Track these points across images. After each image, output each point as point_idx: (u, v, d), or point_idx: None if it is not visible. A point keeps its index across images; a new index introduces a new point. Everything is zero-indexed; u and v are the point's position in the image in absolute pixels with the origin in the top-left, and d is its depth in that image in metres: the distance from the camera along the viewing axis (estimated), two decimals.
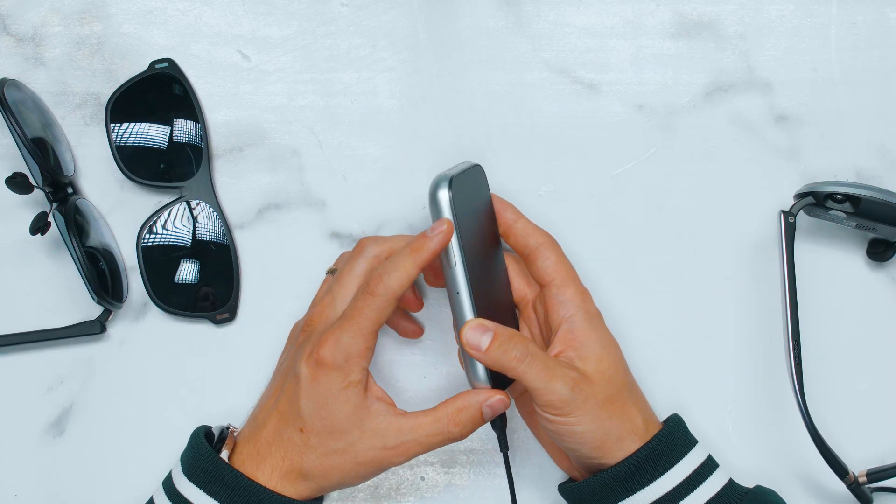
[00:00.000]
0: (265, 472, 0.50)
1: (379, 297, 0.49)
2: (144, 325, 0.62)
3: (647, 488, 0.50)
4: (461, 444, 0.60)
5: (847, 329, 0.61)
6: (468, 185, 0.52)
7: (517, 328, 0.56)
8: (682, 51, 0.64)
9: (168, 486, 0.52)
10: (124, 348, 0.61)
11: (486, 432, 0.60)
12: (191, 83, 0.63)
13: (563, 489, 0.55)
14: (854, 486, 0.56)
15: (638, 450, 0.50)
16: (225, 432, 0.53)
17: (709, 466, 0.52)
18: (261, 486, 0.49)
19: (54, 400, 0.61)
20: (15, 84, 0.60)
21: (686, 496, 0.50)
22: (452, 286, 0.51)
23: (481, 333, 0.49)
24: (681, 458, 0.51)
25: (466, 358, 0.51)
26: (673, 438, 0.52)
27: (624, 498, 0.51)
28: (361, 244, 0.54)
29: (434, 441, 0.50)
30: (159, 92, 0.62)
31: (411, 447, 0.50)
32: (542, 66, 0.64)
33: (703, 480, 0.51)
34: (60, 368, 0.61)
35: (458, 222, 0.50)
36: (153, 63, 0.63)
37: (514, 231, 0.54)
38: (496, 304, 0.54)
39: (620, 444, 0.51)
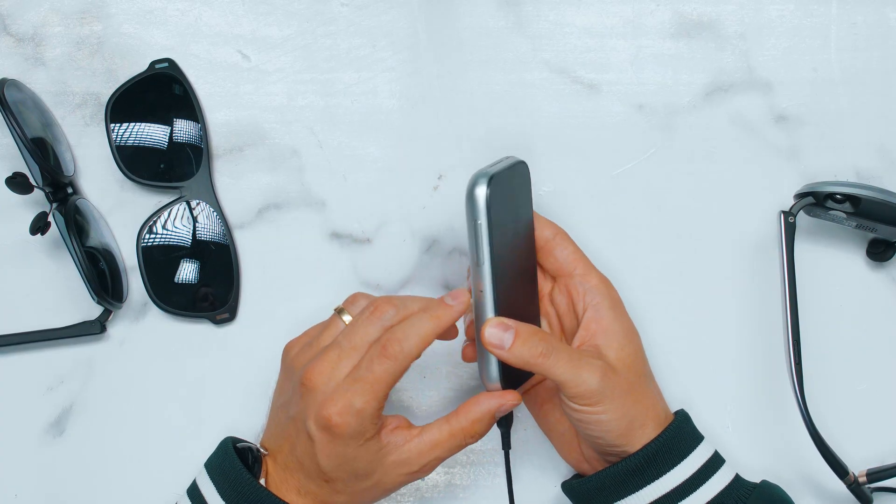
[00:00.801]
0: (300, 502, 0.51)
1: (396, 361, 0.48)
2: (144, 325, 0.61)
3: (656, 483, 0.50)
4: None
5: (847, 329, 0.61)
6: (508, 182, 0.51)
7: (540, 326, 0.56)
8: (682, 51, 0.64)
9: (198, 502, 0.51)
10: (124, 348, 0.61)
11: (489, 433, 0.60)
12: (191, 83, 0.63)
13: (569, 486, 0.55)
14: (854, 486, 0.56)
15: (649, 442, 0.51)
16: (256, 453, 0.52)
17: (716, 462, 0.52)
18: None
19: (54, 400, 0.61)
20: (15, 84, 0.60)
21: (694, 491, 0.50)
22: (477, 285, 0.50)
23: (503, 332, 0.49)
24: (689, 453, 0.51)
25: (480, 357, 0.51)
26: (683, 432, 0.52)
27: (632, 493, 0.51)
28: (380, 308, 0.50)
29: (454, 451, 0.51)
30: (159, 92, 0.62)
31: (434, 463, 0.50)
32: (542, 66, 0.64)
33: (712, 475, 0.51)
34: (60, 368, 0.61)
35: (492, 221, 0.49)
36: (153, 63, 0.63)
37: None
38: (522, 304, 0.53)
39: (644, 431, 0.51)
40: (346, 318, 0.52)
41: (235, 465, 0.50)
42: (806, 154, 0.62)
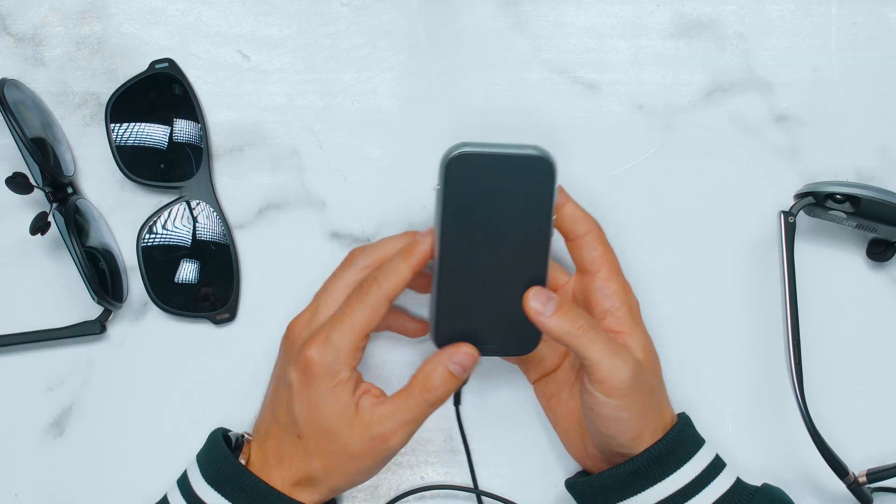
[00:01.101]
0: (276, 481, 0.50)
1: (372, 295, 0.49)
2: (144, 325, 0.62)
3: (659, 485, 0.50)
4: (461, 444, 0.60)
5: (847, 329, 0.61)
6: (496, 167, 0.47)
7: None
8: (682, 51, 0.64)
9: (185, 487, 0.52)
10: (124, 348, 0.61)
11: (484, 431, 0.60)
12: (191, 83, 0.63)
13: (572, 485, 0.55)
14: (854, 486, 0.56)
15: (653, 445, 0.51)
16: (241, 440, 0.53)
17: (717, 465, 0.52)
18: (279, 492, 0.50)
19: (54, 400, 0.61)
20: (15, 84, 0.60)
21: (697, 494, 0.50)
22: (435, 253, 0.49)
23: (546, 299, 0.48)
24: (692, 456, 0.51)
25: (430, 323, 0.50)
26: (685, 436, 0.52)
27: (635, 494, 0.51)
28: (351, 255, 0.53)
29: (417, 414, 0.49)
30: (159, 92, 0.62)
31: (399, 429, 0.49)
32: (542, 66, 0.64)
33: (713, 478, 0.51)
34: (60, 368, 0.61)
35: (451, 192, 0.47)
36: (153, 63, 0.63)
37: (562, 215, 0.53)
38: (483, 295, 0.50)
39: (654, 436, 0.51)
40: None
41: (220, 447, 0.51)
42: (806, 154, 0.62)
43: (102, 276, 0.59)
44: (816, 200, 0.57)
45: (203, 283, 0.61)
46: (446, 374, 0.49)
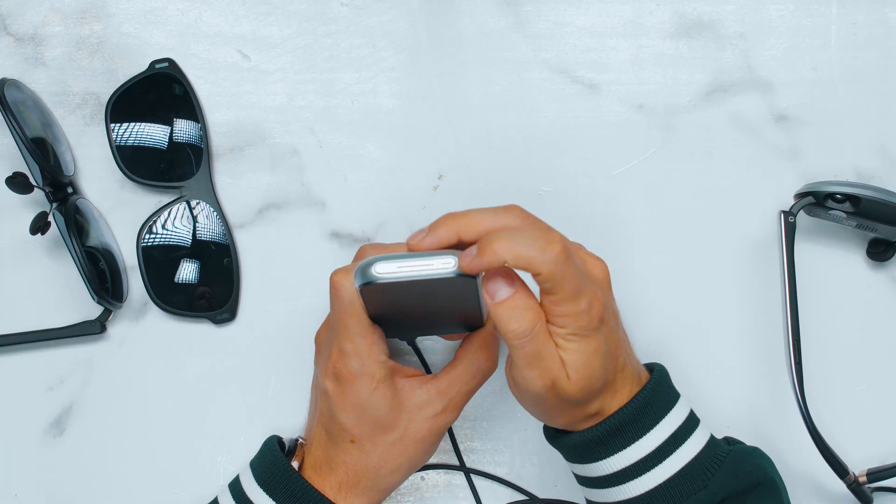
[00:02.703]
0: (328, 488, 0.50)
1: (342, 290, 0.47)
2: (144, 324, 0.61)
3: (623, 452, 0.48)
4: (461, 444, 0.60)
5: (847, 329, 0.61)
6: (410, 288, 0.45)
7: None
8: (682, 51, 0.64)
9: (236, 490, 0.52)
10: (124, 348, 0.61)
11: (485, 432, 0.60)
12: (191, 83, 0.63)
13: (551, 439, 0.53)
14: (854, 486, 0.56)
15: (615, 413, 0.48)
16: (294, 444, 0.53)
17: (691, 423, 0.50)
18: (328, 499, 0.50)
19: (54, 400, 0.61)
20: (15, 84, 0.60)
21: (664, 460, 0.48)
22: None
23: (504, 285, 0.45)
24: (661, 419, 0.49)
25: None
26: (653, 398, 0.49)
27: (602, 459, 0.49)
28: (361, 251, 0.51)
29: (475, 384, 0.51)
30: (159, 92, 0.62)
31: (458, 399, 0.50)
32: (542, 66, 0.64)
33: (687, 438, 0.49)
34: (60, 368, 0.61)
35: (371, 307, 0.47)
36: (153, 63, 0.63)
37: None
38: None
39: (630, 394, 0.49)
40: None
41: (274, 452, 0.51)
42: (806, 154, 0.62)
43: (102, 276, 0.59)
44: (816, 200, 0.57)
45: (203, 282, 0.61)
46: (493, 340, 0.50)
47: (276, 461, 0.51)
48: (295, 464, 0.51)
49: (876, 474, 0.56)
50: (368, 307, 0.47)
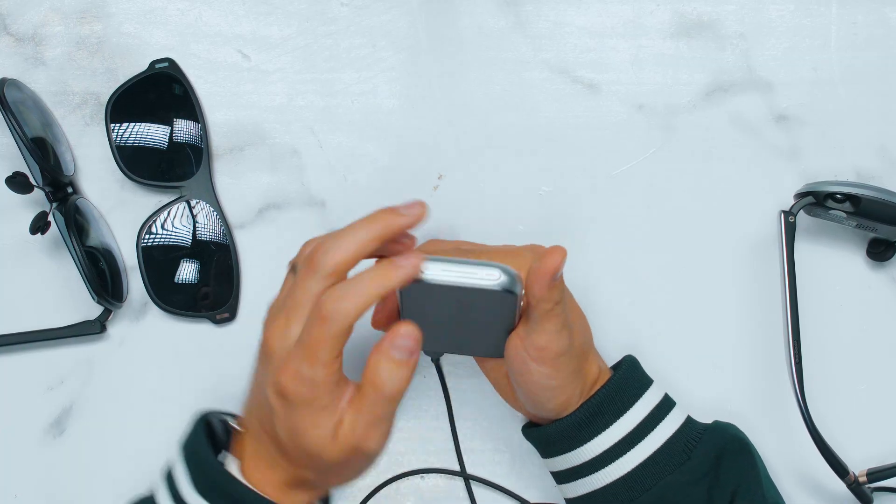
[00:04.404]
0: (269, 485, 0.48)
1: (332, 323, 0.44)
2: (144, 324, 0.61)
3: (603, 434, 0.51)
4: (462, 444, 0.60)
5: (847, 329, 0.61)
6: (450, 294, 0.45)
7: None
8: (682, 51, 0.64)
9: (175, 494, 0.50)
10: (124, 348, 0.61)
11: (485, 432, 0.60)
12: (191, 83, 0.63)
13: (528, 433, 0.56)
14: (854, 485, 0.56)
15: (590, 397, 0.51)
16: (230, 426, 0.52)
17: (668, 403, 0.53)
18: (271, 501, 0.48)
19: (54, 400, 0.61)
20: (15, 84, 0.60)
21: (644, 438, 0.51)
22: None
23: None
24: (636, 401, 0.52)
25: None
26: (626, 382, 0.52)
27: (582, 444, 0.51)
28: (313, 258, 0.46)
29: (380, 413, 0.45)
30: (159, 92, 0.62)
31: (370, 433, 0.46)
32: (542, 66, 0.64)
33: (665, 416, 0.52)
34: (60, 368, 0.61)
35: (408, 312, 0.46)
36: (153, 63, 0.63)
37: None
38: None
39: (581, 399, 0.52)
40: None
41: (206, 451, 0.48)
42: (806, 154, 0.62)
43: (102, 276, 0.59)
44: (816, 200, 0.57)
45: (203, 282, 0.61)
46: (392, 365, 0.45)
47: (213, 468, 0.48)
48: (235, 463, 0.49)
49: (876, 474, 0.56)
50: (404, 308, 0.46)
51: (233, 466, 0.49)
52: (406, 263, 0.45)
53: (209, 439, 0.50)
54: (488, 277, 0.44)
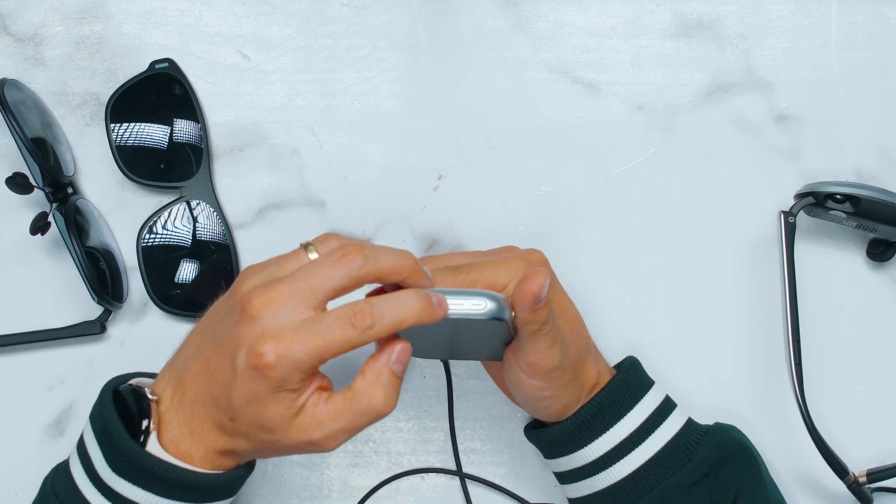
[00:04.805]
0: (200, 450, 0.47)
1: (361, 335, 0.44)
2: (144, 325, 0.61)
3: (604, 436, 0.51)
4: (462, 444, 0.60)
5: (847, 329, 0.61)
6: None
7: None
8: (682, 51, 0.64)
9: (95, 478, 0.48)
10: (124, 348, 0.61)
11: (485, 432, 0.60)
12: (191, 83, 0.63)
13: (529, 435, 0.56)
14: (854, 486, 0.56)
15: (590, 400, 0.51)
16: (143, 398, 0.48)
17: (668, 405, 0.53)
18: (197, 471, 0.46)
19: (54, 400, 0.61)
20: (15, 84, 0.60)
21: (645, 440, 0.51)
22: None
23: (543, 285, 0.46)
24: (637, 403, 0.52)
25: None
26: (626, 385, 0.52)
27: (583, 447, 0.51)
28: (349, 254, 0.45)
29: (361, 422, 0.45)
30: (159, 92, 0.62)
31: (338, 436, 0.45)
32: (542, 66, 0.64)
33: (666, 417, 0.52)
34: (60, 368, 0.61)
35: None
36: (153, 63, 0.63)
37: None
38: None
39: (580, 404, 0.52)
40: (312, 256, 0.47)
41: (118, 429, 0.46)
42: (806, 154, 0.62)
43: (102, 276, 0.59)
44: (816, 200, 0.57)
45: (203, 283, 0.61)
46: (391, 378, 0.45)
47: (127, 447, 0.46)
48: (154, 437, 0.46)
49: (876, 474, 0.56)
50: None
51: (151, 439, 0.47)
52: (441, 308, 0.45)
53: (121, 411, 0.48)
54: (475, 308, 0.45)
